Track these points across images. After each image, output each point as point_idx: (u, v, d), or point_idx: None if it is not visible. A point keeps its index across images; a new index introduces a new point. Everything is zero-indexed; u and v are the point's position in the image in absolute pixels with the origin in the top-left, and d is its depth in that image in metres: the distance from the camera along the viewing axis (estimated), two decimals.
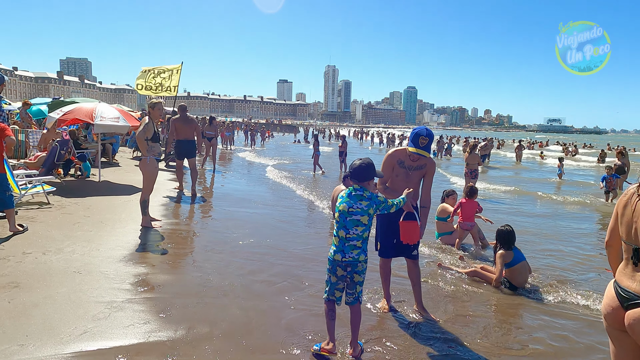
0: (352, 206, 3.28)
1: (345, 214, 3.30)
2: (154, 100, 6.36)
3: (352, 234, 3.27)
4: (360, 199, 3.27)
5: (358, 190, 3.30)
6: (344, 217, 3.31)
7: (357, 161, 3.39)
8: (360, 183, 3.33)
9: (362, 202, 3.26)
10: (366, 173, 3.31)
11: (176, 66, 15.04)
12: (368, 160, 3.36)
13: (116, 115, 9.17)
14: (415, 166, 4.06)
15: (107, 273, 4.41)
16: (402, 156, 4.06)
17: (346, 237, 3.29)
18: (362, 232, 3.28)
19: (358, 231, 3.27)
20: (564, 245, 7.08)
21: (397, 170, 4.06)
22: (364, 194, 3.29)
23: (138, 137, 6.06)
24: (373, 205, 3.28)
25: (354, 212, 3.27)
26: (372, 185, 3.40)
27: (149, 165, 6.16)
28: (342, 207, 3.32)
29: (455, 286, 4.98)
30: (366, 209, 3.25)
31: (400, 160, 4.05)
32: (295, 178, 13.75)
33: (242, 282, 4.52)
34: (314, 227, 7.46)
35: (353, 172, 3.35)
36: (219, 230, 6.55)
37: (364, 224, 3.26)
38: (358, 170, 3.32)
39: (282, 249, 5.93)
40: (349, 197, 3.31)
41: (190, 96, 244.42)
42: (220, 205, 8.58)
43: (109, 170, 11.54)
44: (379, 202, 3.30)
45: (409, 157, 4.00)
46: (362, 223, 3.26)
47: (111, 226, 6.19)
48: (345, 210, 3.29)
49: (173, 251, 5.35)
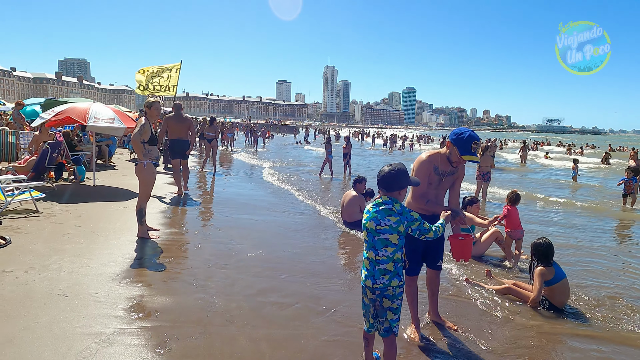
0: (379, 223, 2.76)
1: (372, 233, 2.78)
2: (150, 99, 5.82)
3: (381, 255, 2.76)
4: (388, 213, 2.74)
5: (387, 203, 2.78)
6: (371, 236, 2.79)
7: (387, 167, 2.85)
8: (389, 193, 2.81)
9: (390, 217, 2.74)
10: (397, 181, 2.79)
11: (175, 65, 14.51)
12: (399, 166, 2.83)
13: (111, 116, 8.62)
14: (449, 172, 3.57)
15: (98, 296, 3.86)
16: (437, 161, 3.55)
17: (375, 259, 2.78)
18: (392, 253, 2.76)
19: (388, 252, 2.76)
20: (602, 258, 6.54)
21: (431, 178, 3.54)
22: (394, 207, 2.76)
23: (133, 139, 5.51)
24: (404, 222, 2.75)
25: (382, 230, 2.75)
26: (403, 194, 2.87)
27: (146, 171, 5.62)
28: (369, 225, 2.80)
29: (488, 306, 4.44)
30: (395, 226, 2.73)
31: (435, 167, 3.54)
32: (300, 181, 13.21)
33: (250, 305, 3.98)
34: (324, 236, 6.92)
35: (381, 180, 2.82)
36: (222, 241, 6.01)
37: (394, 243, 2.74)
38: (387, 178, 2.79)
39: (293, 262, 5.39)
40: (377, 212, 2.78)
41: (189, 97, 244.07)
42: (222, 211, 8.04)
43: (104, 174, 10.99)
44: (412, 220, 2.77)
45: (452, 163, 3.50)
46: (391, 243, 2.74)
47: (104, 237, 5.64)
48: (373, 228, 2.78)
49: (172, 267, 4.80)
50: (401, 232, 2.76)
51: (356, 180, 7.78)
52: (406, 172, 2.84)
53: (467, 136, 3.39)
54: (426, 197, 3.54)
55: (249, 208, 8.64)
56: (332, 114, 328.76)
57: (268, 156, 22.70)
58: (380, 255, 2.78)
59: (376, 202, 2.86)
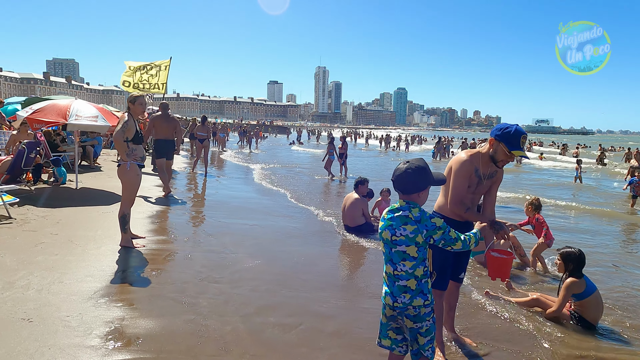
0: (395, 233, 2.29)
1: (389, 244, 2.33)
2: (134, 93, 5.25)
3: (400, 270, 2.31)
4: (404, 221, 2.28)
5: (403, 208, 2.30)
6: (388, 247, 2.34)
7: (402, 164, 2.36)
8: (407, 196, 2.33)
9: (406, 226, 2.27)
10: (415, 181, 2.31)
11: (164, 62, 13.92)
12: (417, 163, 2.33)
13: (94, 114, 8.02)
14: (489, 174, 3.11)
15: (69, 320, 3.29)
16: (478, 162, 3.08)
17: (394, 274, 2.33)
18: (412, 268, 2.30)
19: (407, 267, 2.29)
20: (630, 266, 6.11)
21: (471, 180, 3.05)
22: (411, 213, 2.29)
23: (115, 137, 4.93)
24: (422, 231, 2.27)
25: (398, 242, 2.29)
26: (423, 197, 2.37)
27: (130, 172, 5.05)
28: (385, 235, 2.34)
29: (514, 320, 3.96)
30: (412, 237, 2.26)
31: (476, 168, 3.06)
32: (296, 183, 12.68)
33: (248, 327, 3.44)
34: (326, 242, 6.40)
35: (397, 181, 2.34)
36: (215, 250, 5.45)
37: (412, 257, 2.28)
38: (403, 178, 2.32)
39: (293, 273, 4.86)
40: (392, 220, 2.32)
41: (179, 97, 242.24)
42: (214, 216, 7.47)
43: (89, 176, 10.35)
44: (433, 228, 2.28)
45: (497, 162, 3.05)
46: (409, 256, 2.28)
47: (83, 247, 5.05)
48: (389, 238, 2.32)
49: (158, 281, 4.24)
50: (420, 244, 2.28)
51: (358, 182, 7.27)
52: (427, 169, 2.35)
53: (514, 130, 2.95)
54: (464, 202, 3.05)
55: (243, 212, 8.10)
56: (323, 115, 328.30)
57: (261, 157, 22.12)
58: (398, 270, 2.32)
59: (392, 208, 2.38)
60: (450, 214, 3.11)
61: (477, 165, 3.07)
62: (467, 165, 3.05)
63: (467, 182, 3.05)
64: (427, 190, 2.36)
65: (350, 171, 14.96)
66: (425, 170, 2.33)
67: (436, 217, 2.34)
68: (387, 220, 2.36)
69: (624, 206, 11.50)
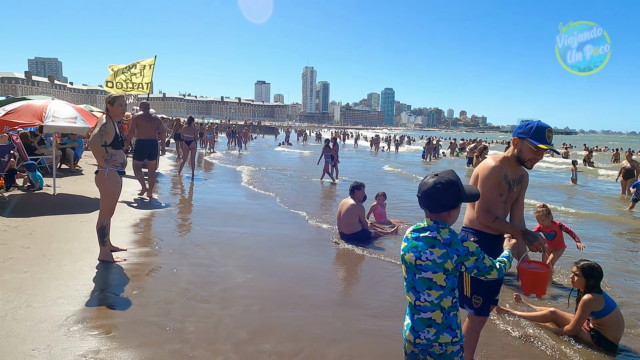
0: (419, 256, 1.96)
1: (412, 269, 1.99)
2: (113, 94, 4.81)
3: (423, 300, 1.96)
4: (431, 244, 1.95)
5: (430, 229, 1.97)
6: (411, 272, 2.00)
7: (431, 178, 2.01)
8: (435, 215, 2.00)
9: (434, 249, 1.93)
10: (445, 197, 1.97)
11: (148, 61, 13.37)
12: (448, 176, 1.99)
13: (72, 115, 7.53)
14: (517, 178, 2.81)
15: (34, 355, 2.86)
16: (505, 167, 2.77)
17: (416, 304, 1.99)
18: (439, 298, 1.96)
19: (432, 297, 1.96)
20: None
21: (501, 187, 2.73)
22: (439, 235, 1.95)
23: (92, 142, 4.49)
24: (452, 257, 1.93)
25: (424, 267, 1.95)
26: (454, 216, 2.03)
27: (109, 180, 4.61)
28: (408, 258, 2.00)
29: (528, 339, 3.65)
30: (440, 262, 1.92)
31: (505, 173, 2.75)
32: (287, 187, 12.29)
33: (242, 358, 3.06)
34: (321, 252, 6.03)
35: (423, 197, 2.00)
36: (203, 263, 5.05)
37: (440, 285, 1.94)
38: (432, 193, 1.98)
39: (289, 289, 4.48)
40: (417, 240, 1.99)
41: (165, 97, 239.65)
42: (202, 223, 7.05)
43: (68, 180, 9.82)
44: (465, 253, 1.93)
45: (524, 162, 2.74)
46: (436, 285, 1.94)
47: (57, 262, 4.60)
48: (412, 262, 1.98)
49: (141, 302, 3.83)
50: (449, 271, 1.95)
51: (354, 186, 6.91)
52: (458, 184, 2.01)
53: (537, 125, 2.67)
54: (492, 212, 2.72)
55: (232, 218, 7.68)
56: (311, 115, 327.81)
57: (250, 159, 21.65)
58: (422, 300, 1.97)
59: (417, 227, 2.05)
60: (479, 226, 2.79)
61: (506, 170, 2.76)
62: (497, 171, 2.72)
63: (498, 190, 2.73)
64: (458, 208, 2.02)
65: (341, 173, 14.62)
66: (457, 185, 1.99)
67: (469, 240, 1.99)
68: (412, 241, 2.02)
69: (620, 209, 11.35)
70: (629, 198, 13.12)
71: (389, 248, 6.31)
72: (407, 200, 10.73)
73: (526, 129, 2.68)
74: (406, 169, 19.19)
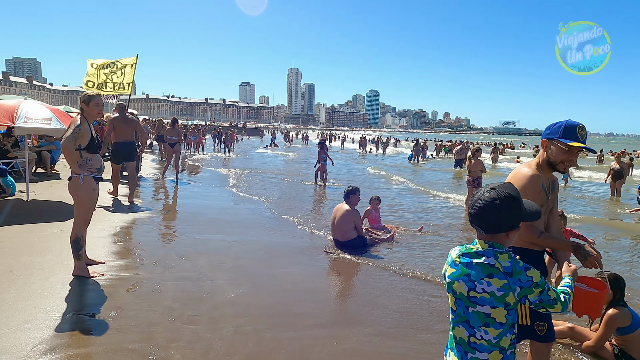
0: (474, 287, 1.60)
1: (463, 300, 1.65)
2: (89, 92, 4.37)
3: (479, 338, 1.63)
4: (488, 272, 1.59)
5: (486, 253, 1.62)
6: (462, 304, 1.66)
7: (487, 192, 1.65)
8: (491, 236, 1.65)
9: (491, 279, 1.58)
10: (506, 215, 1.63)
11: (130, 60, 12.84)
12: (508, 191, 1.64)
13: (47, 116, 7.01)
14: (550, 185, 2.52)
15: None
16: (541, 174, 2.46)
17: (469, 341, 1.65)
18: (497, 337, 1.62)
19: (490, 335, 1.62)
20: None
21: (540, 199, 2.42)
22: (497, 262, 1.59)
23: (65, 145, 4.04)
24: (515, 289, 1.58)
25: (479, 300, 1.60)
26: (512, 237, 1.69)
27: (83, 188, 4.17)
28: (458, 287, 1.66)
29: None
30: (501, 296, 1.58)
31: (542, 182, 2.44)
32: (276, 190, 11.90)
33: None
34: (316, 262, 5.66)
35: (477, 215, 1.65)
36: (189, 276, 4.64)
37: (499, 322, 1.61)
38: (490, 210, 1.63)
39: (283, 305, 4.11)
40: (468, 267, 1.63)
41: (148, 98, 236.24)
42: (187, 231, 6.61)
43: (43, 185, 9.26)
44: (529, 284, 1.59)
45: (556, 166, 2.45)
46: (495, 321, 1.61)
47: (25, 279, 4.14)
48: (463, 293, 1.64)
49: (119, 325, 3.41)
50: (511, 305, 1.61)
51: (349, 191, 6.57)
52: (520, 200, 1.67)
53: (566, 123, 2.38)
54: (537, 226, 2.38)
55: (219, 225, 7.27)
56: (297, 117, 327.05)
57: (236, 161, 21.15)
58: (478, 338, 1.64)
59: (467, 250, 1.69)
60: (522, 243, 2.44)
61: (543, 178, 2.44)
62: (536, 180, 2.40)
63: (538, 201, 2.40)
64: (518, 229, 1.68)
65: (330, 176, 14.27)
66: (519, 201, 1.66)
67: (532, 268, 1.64)
68: (462, 267, 1.67)
69: (615, 212, 11.27)
70: (618, 199, 13.14)
71: (387, 256, 6.00)
72: (400, 204, 10.45)
73: (554, 129, 2.39)
74: (394, 172, 18.94)
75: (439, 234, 7.47)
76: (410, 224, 7.98)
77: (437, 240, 6.99)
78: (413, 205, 10.37)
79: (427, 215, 9.24)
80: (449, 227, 8.10)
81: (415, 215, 9.11)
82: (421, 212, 9.55)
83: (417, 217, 8.95)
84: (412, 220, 8.51)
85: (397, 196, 11.77)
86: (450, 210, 9.95)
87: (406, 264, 5.62)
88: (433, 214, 9.37)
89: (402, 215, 8.96)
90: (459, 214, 9.60)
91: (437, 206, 10.58)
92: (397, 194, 12.40)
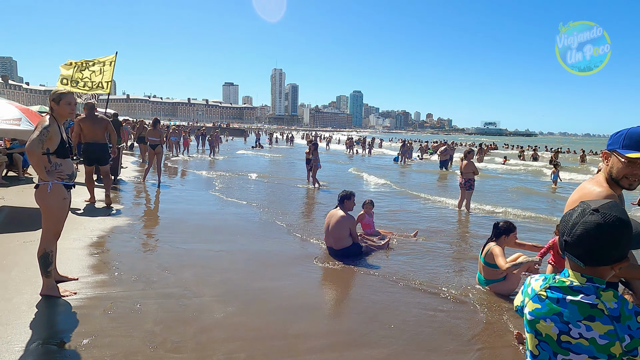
0: (568, 330, 1.26)
1: (552, 345, 1.30)
2: (60, 90, 3.91)
3: None
4: (587, 314, 1.25)
5: (585, 290, 1.29)
6: (549, 349, 1.32)
7: (589, 216, 1.29)
8: (592, 269, 1.31)
9: (592, 323, 1.25)
10: (614, 245, 1.28)
11: (109, 57, 12.23)
12: (616, 213, 1.28)
13: (16, 116, 6.48)
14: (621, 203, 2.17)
15: None
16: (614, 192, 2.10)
17: None
18: None
19: None
20: None
21: None
22: (600, 301, 1.26)
23: (30, 149, 3.58)
24: (623, 337, 1.22)
25: (575, 347, 1.26)
26: (615, 270, 1.32)
27: (52, 196, 3.71)
28: (545, 328, 1.32)
29: None
30: (604, 344, 1.23)
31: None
32: (263, 193, 11.48)
33: None
34: (310, 273, 5.29)
35: (579, 242, 1.28)
36: (173, 292, 4.22)
37: None
38: (595, 237, 1.27)
39: (277, 325, 3.73)
40: (560, 305, 1.30)
41: (129, 99, 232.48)
42: (170, 239, 6.17)
43: (14, 190, 8.65)
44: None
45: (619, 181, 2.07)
46: None
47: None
48: (553, 336, 1.29)
49: (93, 356, 2.97)
50: (616, 357, 1.24)
51: (343, 196, 6.21)
52: (630, 224, 1.30)
53: (628, 130, 1.97)
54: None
55: (205, 232, 6.84)
56: (280, 117, 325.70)
57: (221, 163, 20.61)
58: None
59: (558, 283, 1.34)
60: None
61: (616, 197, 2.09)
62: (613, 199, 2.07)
63: None
64: (628, 260, 1.33)
65: (320, 178, 13.91)
66: (629, 227, 1.30)
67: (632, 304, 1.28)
68: (550, 304, 1.31)
69: None
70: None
71: (384, 264, 5.67)
72: (390, 207, 10.15)
73: (615, 138, 2.00)
74: (381, 173, 18.70)
75: (434, 239, 7.18)
76: (403, 229, 7.68)
77: (434, 247, 6.69)
78: (403, 209, 10.08)
79: (419, 219, 8.96)
80: (444, 231, 7.83)
81: (407, 219, 8.83)
82: (413, 215, 9.27)
83: (409, 220, 8.66)
84: (405, 225, 8.20)
85: (386, 199, 11.48)
86: (443, 214, 9.69)
87: (405, 273, 5.30)
88: (425, 218, 9.10)
89: (393, 219, 8.66)
90: (452, 217, 9.37)
91: (428, 209, 10.32)
92: (386, 196, 12.10)
